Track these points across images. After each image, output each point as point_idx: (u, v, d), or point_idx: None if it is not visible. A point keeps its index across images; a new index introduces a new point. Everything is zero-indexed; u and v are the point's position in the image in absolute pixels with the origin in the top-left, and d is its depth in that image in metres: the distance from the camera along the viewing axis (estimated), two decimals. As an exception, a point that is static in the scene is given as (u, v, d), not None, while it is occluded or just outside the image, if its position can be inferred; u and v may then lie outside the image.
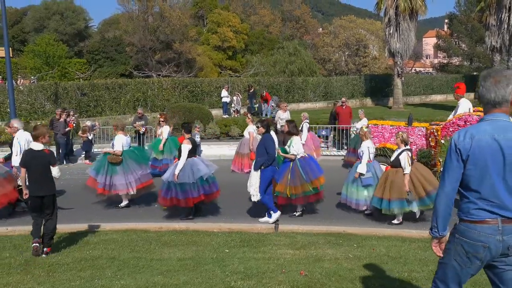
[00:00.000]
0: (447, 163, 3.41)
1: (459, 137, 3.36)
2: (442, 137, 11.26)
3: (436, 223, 3.44)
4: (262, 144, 9.31)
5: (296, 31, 58.40)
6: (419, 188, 8.90)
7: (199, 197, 9.43)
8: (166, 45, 38.55)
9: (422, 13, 34.34)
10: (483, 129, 3.34)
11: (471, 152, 3.29)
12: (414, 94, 43.40)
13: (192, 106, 24.03)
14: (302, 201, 9.71)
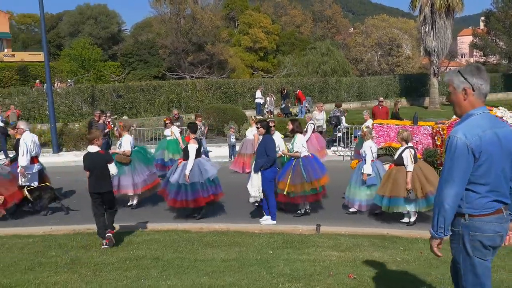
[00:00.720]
0: (456, 164, 3.30)
1: (466, 136, 3.29)
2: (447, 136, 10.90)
3: (444, 224, 3.35)
4: (262, 145, 9.21)
5: (327, 31, 57.96)
6: (418, 188, 8.78)
7: (209, 197, 9.43)
8: (198, 47, 38.78)
9: (459, 10, 33.58)
10: (483, 123, 3.36)
11: (483, 148, 3.28)
12: (451, 94, 42.47)
13: (226, 107, 24.10)
14: (299, 200, 9.70)
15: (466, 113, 3.43)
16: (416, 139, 11.78)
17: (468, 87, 3.39)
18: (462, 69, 3.48)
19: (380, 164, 10.19)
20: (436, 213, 3.36)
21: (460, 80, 3.42)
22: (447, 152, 3.38)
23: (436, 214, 3.36)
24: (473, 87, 3.38)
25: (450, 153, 3.34)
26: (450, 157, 3.34)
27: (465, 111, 3.45)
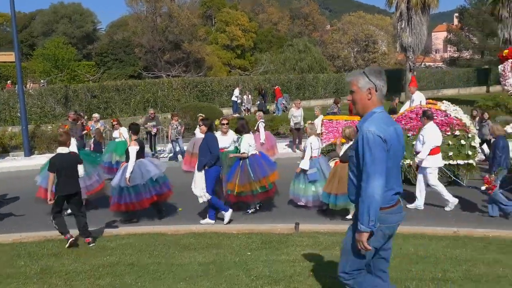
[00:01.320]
0: (377, 157, 3.48)
1: (379, 130, 3.51)
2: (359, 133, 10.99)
3: (375, 216, 3.49)
4: (205, 143, 9.05)
5: (304, 28, 57.98)
6: None
7: (151, 198, 9.21)
8: (175, 45, 38.38)
9: (435, 6, 33.85)
10: (385, 120, 3.65)
11: (390, 142, 3.55)
12: (426, 89, 42.75)
13: (202, 106, 23.92)
14: (250, 199, 9.61)
15: (370, 111, 3.67)
16: None
17: (373, 87, 3.67)
18: (367, 71, 3.71)
19: (324, 160, 10.21)
20: (366, 206, 3.47)
21: (366, 81, 3.67)
22: (365, 147, 3.51)
23: (367, 207, 3.47)
24: (376, 88, 3.66)
25: (369, 147, 3.49)
26: (369, 151, 3.49)
27: (368, 109, 3.69)
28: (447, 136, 11.09)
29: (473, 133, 11.23)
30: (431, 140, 9.53)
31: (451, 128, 11.13)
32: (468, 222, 8.79)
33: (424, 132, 9.62)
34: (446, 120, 11.19)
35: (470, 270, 5.94)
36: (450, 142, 11.13)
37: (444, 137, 10.86)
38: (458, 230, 8.16)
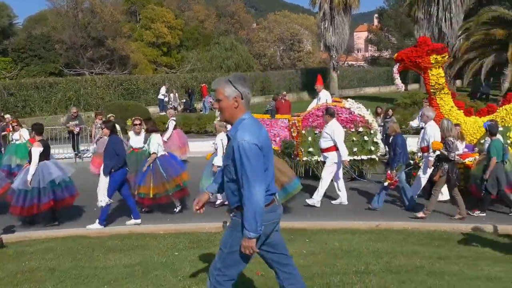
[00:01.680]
0: (256, 165, 3.57)
1: (253, 137, 3.60)
2: (303, 128, 11.63)
3: (261, 222, 3.60)
4: (110, 146, 8.81)
5: (231, 26, 58.10)
6: (275, 180, 8.82)
7: (48, 203, 8.81)
8: (98, 42, 37.19)
9: (356, 7, 35.13)
10: (255, 125, 3.73)
11: (264, 147, 3.67)
12: (349, 87, 44.29)
13: (128, 104, 23.40)
14: (165, 200, 9.60)
15: (239, 119, 3.74)
16: (274, 131, 12.06)
17: (239, 95, 3.72)
18: (232, 79, 3.75)
19: None
20: (253, 214, 3.55)
21: (232, 90, 3.71)
22: (242, 156, 3.56)
23: (253, 215, 3.55)
24: (242, 96, 3.73)
25: (247, 156, 3.55)
26: (248, 160, 3.55)
27: (237, 117, 3.75)
28: (352, 132, 11.53)
29: (375, 130, 11.70)
30: (340, 135, 9.79)
31: (355, 125, 11.56)
32: (389, 216, 9.16)
33: (328, 130, 9.85)
34: (350, 117, 11.61)
35: (391, 262, 6.21)
36: (354, 138, 11.57)
37: (349, 133, 11.36)
38: (380, 223, 8.51)
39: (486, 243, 7.17)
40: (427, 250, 6.86)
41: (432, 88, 10.79)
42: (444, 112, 10.72)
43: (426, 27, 32.05)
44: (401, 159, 9.33)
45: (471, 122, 10.84)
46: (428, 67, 10.64)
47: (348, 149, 11.00)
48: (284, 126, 12.25)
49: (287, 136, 12.06)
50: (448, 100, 10.87)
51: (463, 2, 30.37)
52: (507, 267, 6.00)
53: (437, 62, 10.59)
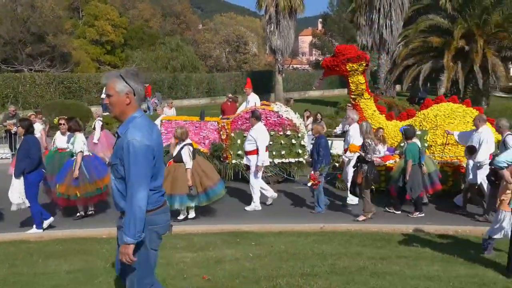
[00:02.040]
0: (143, 167, 3.42)
1: (144, 137, 3.45)
2: (232, 131, 11.77)
3: (141, 228, 3.43)
4: (23, 147, 8.41)
5: (177, 26, 57.64)
6: (198, 184, 8.95)
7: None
8: (38, 37, 35.80)
9: (301, 11, 35.69)
10: (147, 124, 3.61)
11: (156, 147, 3.55)
12: (294, 90, 44.86)
13: (69, 103, 22.76)
14: (83, 202, 9.43)
15: (131, 116, 3.57)
16: (203, 134, 12.11)
17: (131, 91, 3.54)
18: (123, 74, 3.58)
19: None
20: (133, 218, 3.38)
21: (123, 85, 3.53)
22: (131, 156, 3.41)
23: (133, 219, 3.38)
24: (134, 92, 3.56)
25: (135, 156, 3.40)
26: (135, 160, 3.40)
27: (129, 114, 3.58)
28: (280, 136, 11.71)
29: (302, 133, 11.91)
30: (264, 138, 9.89)
31: (283, 128, 11.74)
32: (334, 218, 9.34)
33: (253, 133, 9.91)
34: (278, 120, 11.77)
35: (335, 264, 6.34)
36: (282, 141, 11.73)
37: (277, 136, 11.60)
38: (325, 226, 8.66)
39: (426, 243, 7.44)
40: (370, 251, 7.04)
41: (353, 94, 11.26)
42: (367, 116, 11.14)
43: (368, 33, 33.00)
44: (324, 160, 9.54)
45: (392, 125, 11.33)
46: (346, 74, 11.06)
47: (277, 152, 11.49)
48: (214, 128, 12.19)
49: (216, 139, 12.05)
50: (370, 104, 11.30)
51: (403, 10, 31.51)
52: (445, 266, 6.26)
53: (354, 70, 10.95)
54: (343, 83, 49.87)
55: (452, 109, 11.05)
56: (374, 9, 31.05)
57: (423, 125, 11.02)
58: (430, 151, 10.64)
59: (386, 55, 32.23)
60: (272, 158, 11.44)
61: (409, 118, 11.43)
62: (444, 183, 9.98)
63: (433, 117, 10.97)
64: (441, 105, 11.29)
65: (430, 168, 9.66)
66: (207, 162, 9.71)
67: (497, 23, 24.07)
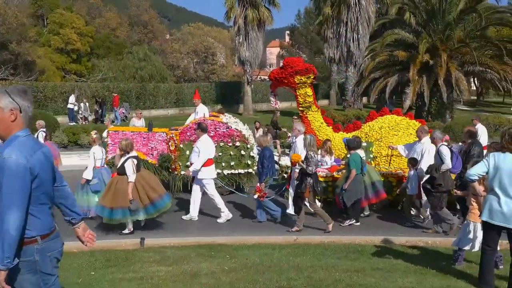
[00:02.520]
0: (17, 187, 3.15)
1: (23, 157, 3.20)
2: (181, 142, 11.80)
3: (11, 252, 3.11)
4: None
5: (144, 36, 57.30)
6: (144, 196, 8.82)
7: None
8: (1, 45, 35.03)
9: (269, 23, 36.01)
10: (31, 144, 3.34)
11: (39, 168, 3.27)
12: (262, 101, 45.05)
13: (34, 113, 22.07)
14: None
15: (13, 135, 3.33)
16: (152, 145, 12.05)
17: (17, 108, 3.32)
18: (9, 90, 3.36)
19: (107, 171, 10.22)
20: (1, 242, 3.10)
21: (9, 101, 3.30)
22: (5, 175, 3.16)
23: (1, 243, 3.09)
24: (21, 109, 3.33)
25: (8, 175, 3.15)
26: (8, 180, 3.15)
27: (12, 132, 3.34)
28: (229, 147, 11.78)
29: (251, 144, 11.98)
30: (206, 151, 9.84)
31: (232, 140, 11.80)
32: (307, 230, 9.37)
33: (198, 144, 9.91)
34: (227, 132, 11.82)
35: (311, 277, 6.35)
36: (231, 152, 11.80)
37: (226, 148, 11.69)
38: (298, 238, 8.69)
39: (398, 255, 7.55)
40: (344, 263, 7.09)
41: (301, 106, 11.36)
42: (315, 128, 11.31)
43: (335, 46, 33.58)
44: (269, 172, 9.60)
45: (339, 137, 11.53)
46: (294, 87, 11.15)
47: (226, 163, 11.55)
48: (162, 139, 12.08)
49: (164, 150, 11.94)
50: (318, 117, 11.44)
51: (369, 24, 32.22)
52: (419, 277, 6.34)
53: (302, 83, 11.09)
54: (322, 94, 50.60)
55: (396, 122, 11.35)
56: (342, 22, 31.65)
57: (368, 136, 11.27)
58: (375, 162, 10.89)
59: (353, 68, 32.78)
60: (221, 169, 11.52)
61: (355, 130, 11.66)
62: (389, 193, 10.26)
63: (378, 129, 11.23)
64: (386, 117, 11.58)
65: (374, 178, 9.91)
66: (151, 175, 9.52)
67: (460, 38, 24.79)
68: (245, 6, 35.17)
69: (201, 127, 10.08)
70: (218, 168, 11.31)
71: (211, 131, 11.56)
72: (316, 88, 51.87)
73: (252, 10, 34.78)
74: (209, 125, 11.57)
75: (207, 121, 11.81)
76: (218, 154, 11.47)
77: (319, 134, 11.04)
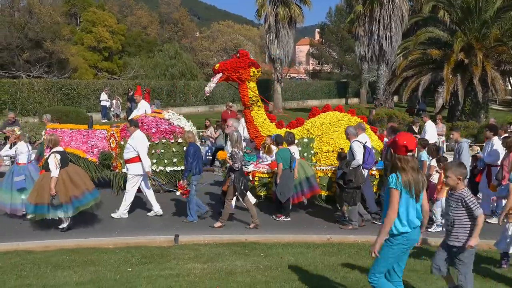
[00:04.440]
0: None
1: None
2: (121, 139, 11.62)
3: None
4: None
5: (174, 34, 57.65)
6: (65, 192, 8.67)
7: None
8: (36, 43, 35.64)
9: (300, 21, 35.82)
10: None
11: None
12: (292, 99, 44.93)
13: (68, 110, 22.63)
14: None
15: None
16: (92, 142, 11.96)
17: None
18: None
19: (34, 167, 10.11)
20: None
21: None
22: None
23: None
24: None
25: None
26: None
27: None
28: (171, 143, 11.63)
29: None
30: (143, 147, 9.74)
31: (175, 136, 11.67)
32: (338, 229, 9.28)
33: (131, 141, 9.81)
34: (169, 128, 11.72)
35: (347, 277, 6.29)
36: (174, 149, 11.65)
37: (169, 144, 11.56)
38: (331, 237, 8.61)
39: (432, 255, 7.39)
40: (381, 264, 6.98)
41: (250, 100, 11.02)
42: (258, 124, 11.15)
43: (367, 44, 33.15)
44: (193, 169, 9.49)
45: (282, 133, 11.32)
46: (247, 79, 10.90)
47: (168, 160, 11.45)
48: (103, 137, 12.02)
49: (105, 147, 11.86)
50: (261, 113, 11.24)
51: (402, 22, 31.69)
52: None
53: (254, 75, 10.94)
54: (340, 92, 50.18)
55: (338, 118, 11.36)
56: (374, 20, 31.22)
57: (310, 133, 11.21)
58: (316, 158, 10.80)
59: (385, 66, 32.33)
60: (163, 166, 11.43)
61: (298, 126, 11.59)
62: (329, 189, 10.44)
63: (320, 125, 11.19)
64: (328, 113, 11.58)
65: (308, 173, 9.96)
66: (79, 171, 9.27)
67: (496, 37, 24.14)
68: (276, 4, 35.06)
69: (133, 123, 10.01)
70: (160, 165, 11.36)
71: (153, 127, 11.54)
72: (346, 86, 51.66)
73: (283, 7, 34.66)
74: (151, 122, 11.59)
75: (149, 117, 11.81)
76: (161, 151, 11.44)
77: (262, 130, 10.99)
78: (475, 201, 5.08)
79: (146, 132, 11.16)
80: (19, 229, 9.12)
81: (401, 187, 4.55)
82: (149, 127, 11.61)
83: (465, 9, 24.72)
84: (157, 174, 11.38)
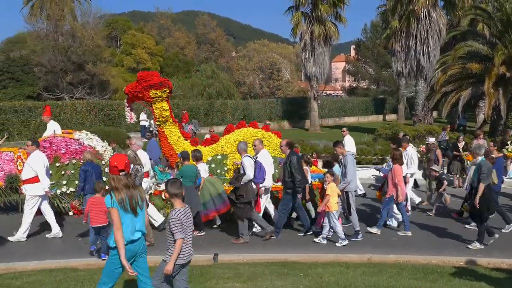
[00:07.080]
0: None
1: None
2: None
3: None
4: None
5: (211, 54, 58.59)
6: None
7: None
8: (78, 66, 36.94)
9: (336, 39, 35.83)
10: None
11: None
12: (329, 117, 44.76)
13: (109, 130, 23.19)
14: None
15: None
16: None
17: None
18: None
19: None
20: None
21: None
22: None
23: None
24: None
25: None
26: None
27: None
28: (82, 164, 11.28)
29: (106, 160, 11.50)
30: (41, 166, 9.51)
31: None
32: (380, 248, 9.12)
33: (29, 161, 9.60)
34: (80, 148, 11.61)
35: (390, 298, 6.18)
36: None
37: (79, 164, 10.94)
38: (372, 256, 8.48)
39: (479, 277, 7.20)
40: (423, 284, 6.84)
41: (157, 120, 11.10)
42: (172, 142, 11.17)
43: (404, 59, 32.80)
44: (85, 189, 9.36)
45: None
46: (149, 101, 10.88)
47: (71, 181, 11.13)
48: (9, 159, 11.59)
49: (12, 170, 11.39)
50: (175, 131, 11.26)
51: (440, 37, 31.22)
52: (505, 303, 6.03)
53: (158, 97, 10.85)
54: (378, 108, 49.66)
55: (251, 134, 11.38)
56: (411, 35, 30.90)
57: (224, 149, 11.23)
58: (229, 174, 10.76)
59: (423, 82, 31.86)
60: (75, 187, 10.98)
61: (212, 144, 11.58)
62: None
63: (234, 142, 11.14)
64: (242, 130, 11.65)
65: (220, 189, 10.06)
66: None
67: (538, 49, 23.55)
68: (311, 22, 35.24)
69: (34, 143, 9.78)
70: (72, 186, 11.12)
71: (62, 148, 11.45)
72: (383, 102, 51.11)
73: (318, 25, 34.78)
74: (60, 142, 11.50)
75: (58, 138, 11.74)
76: (71, 171, 11.25)
77: (177, 147, 11.07)
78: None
79: (55, 153, 11.21)
80: (59, 246, 9.34)
81: (117, 205, 4.89)
82: (58, 147, 11.52)
83: (505, 22, 24.20)
84: (68, 196, 11.16)
